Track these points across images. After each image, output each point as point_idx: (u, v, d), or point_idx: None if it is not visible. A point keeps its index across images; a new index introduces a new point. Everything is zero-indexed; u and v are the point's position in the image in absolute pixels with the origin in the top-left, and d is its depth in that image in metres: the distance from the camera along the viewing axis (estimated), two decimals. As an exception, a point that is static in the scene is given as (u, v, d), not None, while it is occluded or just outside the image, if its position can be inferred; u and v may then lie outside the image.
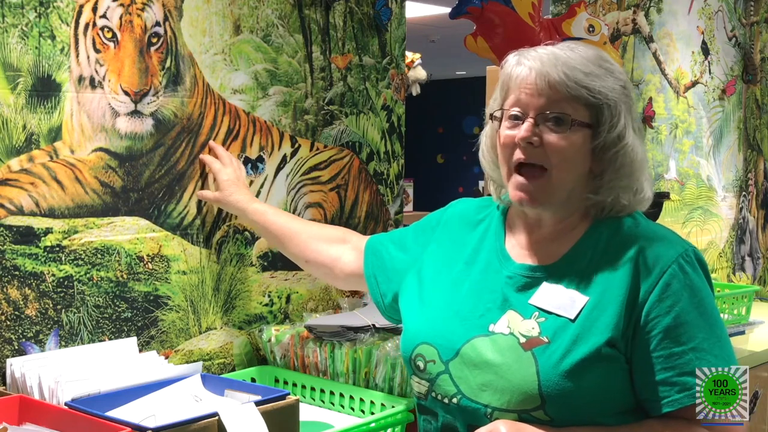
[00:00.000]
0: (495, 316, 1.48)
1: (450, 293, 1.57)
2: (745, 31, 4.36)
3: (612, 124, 1.45)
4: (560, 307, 1.44)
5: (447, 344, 1.50)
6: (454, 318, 1.52)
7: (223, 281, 2.25)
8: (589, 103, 1.44)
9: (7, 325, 1.86)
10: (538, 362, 1.40)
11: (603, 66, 1.47)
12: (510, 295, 1.50)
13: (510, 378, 1.41)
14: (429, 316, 1.57)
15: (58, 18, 1.90)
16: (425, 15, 7.55)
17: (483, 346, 1.45)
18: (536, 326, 1.43)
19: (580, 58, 1.46)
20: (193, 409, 1.73)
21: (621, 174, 1.47)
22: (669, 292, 1.42)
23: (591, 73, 1.45)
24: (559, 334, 1.42)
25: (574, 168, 1.46)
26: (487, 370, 1.44)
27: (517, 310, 1.47)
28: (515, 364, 1.42)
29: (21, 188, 1.87)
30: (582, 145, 1.45)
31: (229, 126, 2.25)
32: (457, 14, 2.56)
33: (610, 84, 1.45)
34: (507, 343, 1.43)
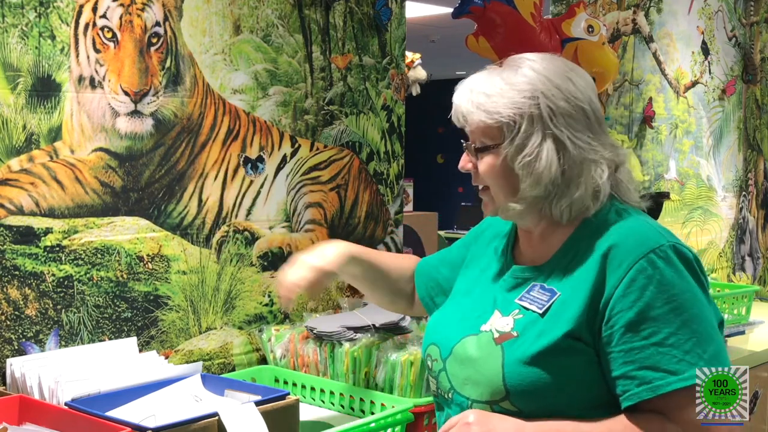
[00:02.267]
0: (487, 316, 1.54)
1: (461, 297, 1.66)
2: (745, 31, 4.36)
3: (512, 139, 1.49)
4: (535, 303, 1.50)
5: (446, 343, 1.57)
6: (456, 320, 1.60)
7: (223, 281, 2.25)
8: (492, 122, 1.51)
9: (7, 325, 1.86)
10: (505, 355, 1.46)
11: (509, 80, 1.51)
12: (499, 296, 1.56)
13: (483, 371, 1.48)
14: (439, 319, 1.66)
15: (58, 18, 1.90)
16: (425, 15, 7.55)
17: (470, 343, 1.52)
18: (511, 322, 1.49)
19: (490, 79, 1.53)
20: (193, 409, 1.73)
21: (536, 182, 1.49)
22: (633, 287, 1.43)
23: (492, 94, 1.51)
24: (527, 329, 1.47)
25: (502, 185, 1.53)
26: (469, 365, 1.51)
27: (501, 308, 1.53)
28: (488, 358, 1.48)
29: (21, 188, 1.87)
30: (495, 165, 1.52)
31: (229, 126, 2.25)
32: (459, 14, 2.56)
33: (508, 100, 1.49)
34: (485, 339, 1.50)
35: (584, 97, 1.52)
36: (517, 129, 1.48)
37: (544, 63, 1.54)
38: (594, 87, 1.57)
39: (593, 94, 1.54)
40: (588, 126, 1.52)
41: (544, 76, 1.50)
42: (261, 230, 2.34)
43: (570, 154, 1.48)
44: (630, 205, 1.56)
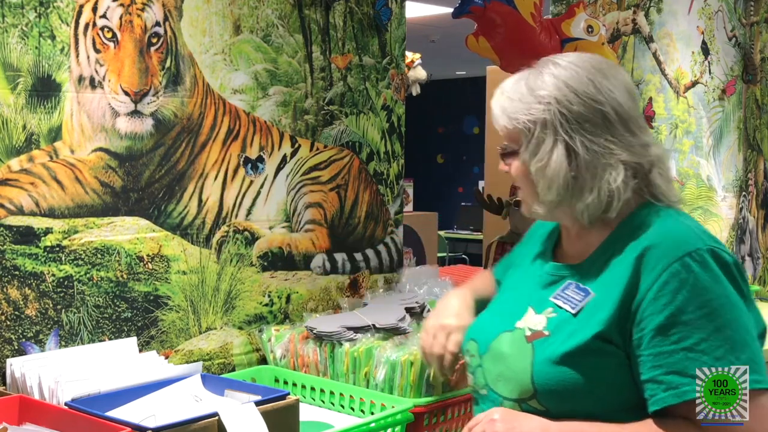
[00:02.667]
0: (522, 313, 1.55)
1: (504, 294, 1.70)
2: (745, 31, 4.36)
3: (527, 144, 1.52)
4: (569, 302, 1.51)
5: (483, 339, 1.59)
6: (495, 316, 1.63)
7: (223, 281, 2.25)
8: (511, 129, 1.55)
9: (7, 325, 1.86)
10: (535, 353, 1.47)
11: (530, 85, 1.53)
12: (535, 293, 1.58)
13: (513, 368, 1.50)
14: (480, 317, 1.69)
15: (58, 18, 1.90)
16: (425, 15, 7.55)
17: (504, 340, 1.54)
18: (544, 321, 1.51)
19: (517, 83, 1.56)
20: (193, 409, 1.73)
21: (549, 187, 1.51)
22: (666, 290, 1.42)
23: (514, 99, 1.54)
24: (559, 328, 1.48)
25: (526, 188, 1.57)
26: (501, 362, 1.53)
27: (535, 306, 1.55)
28: (518, 355, 1.49)
29: (21, 188, 1.87)
30: (518, 167, 1.56)
31: (229, 126, 2.25)
32: (459, 13, 2.56)
33: (526, 106, 1.52)
34: (518, 337, 1.52)
35: (608, 99, 1.50)
36: (531, 135, 1.51)
37: (570, 65, 1.53)
38: (628, 86, 1.55)
39: (623, 95, 1.52)
40: (608, 129, 1.50)
41: (562, 81, 1.51)
42: (261, 230, 2.34)
43: (581, 159, 1.49)
44: (669, 205, 1.55)
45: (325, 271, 2.50)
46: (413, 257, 3.03)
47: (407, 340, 2.11)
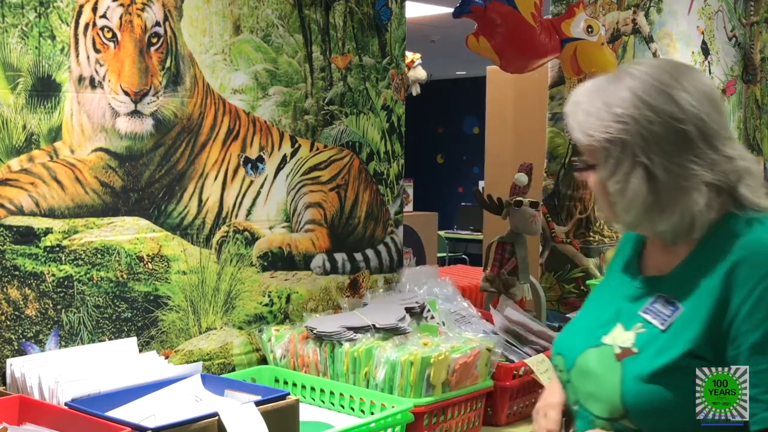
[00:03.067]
0: (609, 328, 1.51)
1: (590, 306, 1.66)
2: (745, 31, 4.36)
3: (605, 162, 1.46)
4: (658, 317, 1.46)
5: (570, 354, 1.56)
6: (581, 331, 1.59)
7: (223, 281, 2.25)
8: (587, 145, 1.48)
9: (7, 325, 1.86)
10: (624, 372, 1.43)
11: (605, 98, 1.45)
12: (624, 307, 1.53)
13: (603, 387, 1.46)
14: (567, 328, 1.66)
15: (58, 18, 1.90)
16: (425, 15, 7.55)
17: (591, 356, 1.50)
18: (633, 337, 1.46)
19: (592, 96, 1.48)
20: (193, 409, 1.73)
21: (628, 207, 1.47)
22: (761, 306, 1.37)
23: (591, 113, 1.46)
24: (648, 345, 1.44)
25: (603, 202, 1.52)
26: (590, 380, 1.49)
27: (624, 321, 1.50)
28: (608, 374, 1.45)
29: (21, 188, 1.87)
30: (595, 183, 1.50)
31: (229, 126, 2.25)
32: (460, 13, 2.56)
33: (602, 124, 1.44)
34: (607, 354, 1.47)
35: (688, 117, 1.42)
36: (608, 154, 1.45)
37: (647, 78, 1.44)
38: (710, 94, 1.46)
39: (705, 106, 1.44)
40: (689, 148, 1.42)
41: (639, 98, 1.43)
42: (261, 230, 2.34)
43: (661, 183, 1.42)
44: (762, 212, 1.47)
45: (325, 271, 2.50)
46: (413, 257, 3.02)
47: (407, 340, 2.11)
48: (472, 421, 2.12)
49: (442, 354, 1.99)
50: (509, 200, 2.69)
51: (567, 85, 3.34)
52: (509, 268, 2.70)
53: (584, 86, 1.52)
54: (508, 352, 2.27)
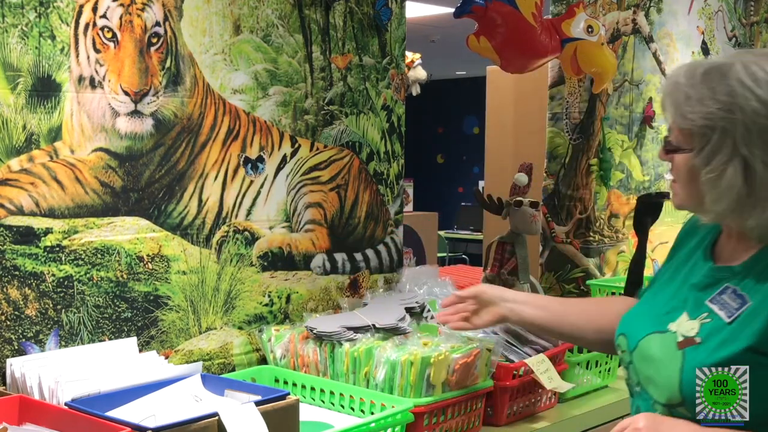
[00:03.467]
0: (676, 315, 1.52)
1: (656, 291, 1.65)
2: (745, 31, 4.36)
3: (700, 149, 1.44)
4: (725, 308, 1.46)
5: (633, 336, 1.58)
6: (646, 314, 1.60)
7: (223, 281, 2.25)
8: (684, 128, 1.46)
9: (7, 325, 1.86)
10: (685, 361, 1.45)
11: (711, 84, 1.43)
12: (691, 295, 1.53)
13: (663, 374, 1.48)
14: (632, 311, 1.67)
15: (58, 18, 1.90)
16: (425, 15, 7.55)
17: (654, 342, 1.52)
18: (696, 327, 1.47)
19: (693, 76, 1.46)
20: (193, 409, 1.73)
21: (718, 199, 1.44)
22: None
23: (692, 97, 1.44)
24: (711, 336, 1.45)
25: (687, 187, 1.50)
26: (651, 365, 1.52)
27: (690, 310, 1.51)
28: (668, 362, 1.47)
29: (21, 188, 1.87)
30: (684, 167, 1.48)
31: (229, 126, 2.25)
32: (461, 13, 2.56)
33: (705, 110, 1.42)
34: (669, 341, 1.49)
35: None
36: (706, 141, 1.42)
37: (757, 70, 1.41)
38: None
39: None
40: None
41: (748, 89, 1.39)
42: (261, 230, 2.34)
43: (758, 177, 1.40)
44: None
45: (325, 271, 2.50)
46: (413, 257, 3.02)
47: (407, 340, 2.11)
48: (472, 421, 2.12)
49: (442, 354, 1.99)
50: (509, 200, 2.69)
51: (567, 85, 3.34)
52: (509, 268, 2.70)
53: (686, 67, 1.49)
54: (508, 352, 2.27)
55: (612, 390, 2.57)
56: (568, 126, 3.36)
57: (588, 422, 2.37)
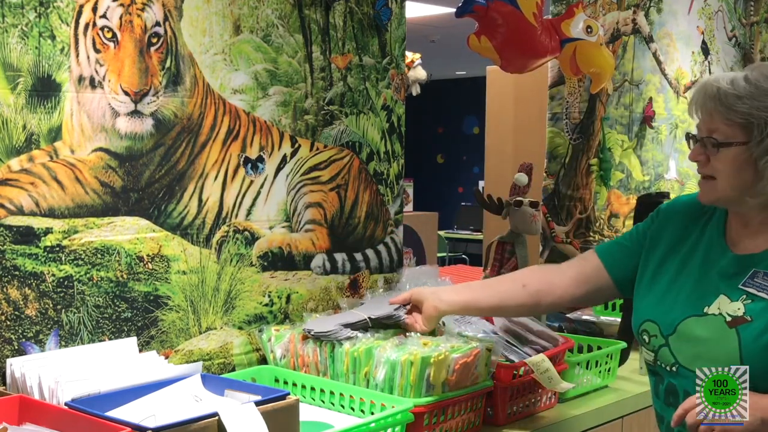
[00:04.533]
0: (710, 300, 1.70)
1: (673, 278, 1.80)
2: (745, 31, 4.36)
3: (762, 137, 1.63)
4: (763, 290, 1.65)
5: (667, 322, 1.75)
6: (675, 300, 1.76)
7: (223, 281, 2.26)
8: (739, 123, 1.64)
9: (7, 325, 1.86)
10: (741, 338, 1.63)
11: (759, 85, 1.64)
12: (722, 282, 1.71)
13: (717, 351, 1.65)
14: (653, 299, 1.82)
15: (58, 18, 1.90)
16: (425, 15, 7.55)
17: (696, 324, 1.70)
18: (742, 307, 1.65)
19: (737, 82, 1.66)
20: (193, 409, 1.73)
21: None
22: None
23: (744, 96, 1.64)
24: (761, 314, 1.63)
25: (732, 178, 1.67)
26: (699, 344, 1.68)
27: (728, 294, 1.69)
28: (721, 340, 1.65)
29: (21, 188, 1.87)
30: (734, 161, 1.66)
31: (229, 126, 2.25)
32: (463, 12, 2.56)
33: (761, 102, 1.62)
34: (716, 323, 1.67)
35: None
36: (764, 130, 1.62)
37: None
38: None
39: None
40: None
41: None
42: (261, 230, 2.34)
43: None
44: None
45: (325, 271, 2.51)
46: (413, 257, 3.03)
47: (407, 340, 2.11)
48: (472, 421, 2.12)
49: (442, 354, 1.99)
50: (509, 200, 2.69)
51: (567, 85, 3.34)
52: (509, 268, 2.70)
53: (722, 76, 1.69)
54: (508, 352, 2.27)
55: (612, 390, 2.56)
56: (568, 126, 3.36)
57: (588, 422, 2.36)
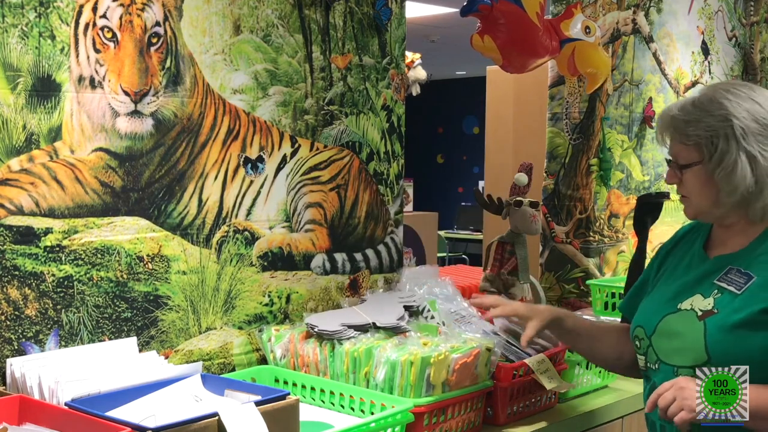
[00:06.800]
0: (684, 297, 1.82)
1: (659, 288, 1.95)
2: (745, 31, 4.36)
3: (711, 154, 1.76)
4: (733, 284, 1.77)
5: (649, 324, 1.87)
6: (655, 305, 1.90)
7: (223, 281, 2.26)
8: (692, 145, 1.79)
9: (7, 325, 1.86)
10: (707, 327, 1.74)
11: (703, 108, 1.78)
12: (700, 282, 1.83)
13: (688, 342, 1.76)
14: (642, 307, 1.96)
15: (58, 18, 1.90)
16: (425, 15, 7.55)
17: (673, 320, 1.82)
18: (712, 302, 1.77)
19: (685, 108, 1.82)
20: (193, 409, 1.73)
21: (733, 190, 1.75)
22: None
23: (691, 120, 1.79)
24: (725, 305, 1.75)
25: (701, 194, 1.81)
26: (675, 338, 1.80)
27: (702, 291, 1.81)
28: (692, 331, 1.76)
29: (21, 188, 1.87)
30: (697, 179, 1.80)
31: (229, 126, 2.25)
32: (468, 12, 2.56)
33: (705, 123, 1.77)
34: (687, 317, 1.79)
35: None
36: (715, 147, 1.76)
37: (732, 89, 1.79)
38: None
39: None
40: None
41: (733, 101, 1.76)
42: (261, 230, 2.34)
43: (761, 166, 1.74)
44: None
45: (325, 271, 2.51)
46: (413, 257, 3.02)
47: (407, 340, 2.11)
48: (472, 421, 2.12)
49: (442, 354, 1.99)
50: (509, 200, 2.69)
51: (567, 85, 3.34)
52: (509, 268, 2.70)
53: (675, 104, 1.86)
54: (508, 352, 2.27)
55: (612, 390, 2.57)
56: (568, 126, 3.36)
57: (588, 422, 2.37)
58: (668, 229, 3.66)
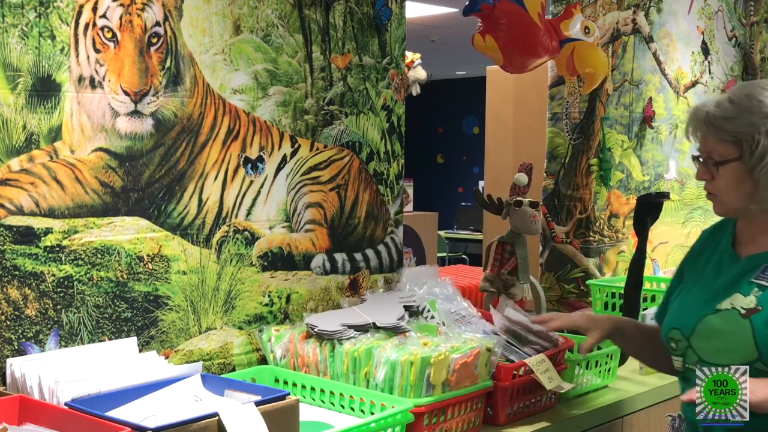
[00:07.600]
0: (722, 298, 1.83)
1: (690, 289, 1.96)
2: (745, 31, 4.36)
3: (752, 151, 1.77)
4: None
5: (686, 325, 1.87)
6: (691, 306, 1.90)
7: (223, 281, 2.26)
8: (730, 141, 1.80)
9: (7, 325, 1.86)
10: (754, 325, 1.75)
11: (741, 105, 1.79)
12: (736, 282, 1.84)
13: (734, 341, 1.77)
14: (674, 309, 1.97)
15: (58, 18, 1.90)
16: (425, 15, 7.55)
17: (713, 320, 1.82)
18: (754, 299, 1.78)
19: (722, 104, 1.82)
20: (193, 409, 1.73)
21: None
22: None
23: (729, 116, 1.79)
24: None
25: (733, 191, 1.83)
26: (717, 338, 1.81)
27: (741, 291, 1.81)
28: (738, 330, 1.77)
29: (21, 188, 1.87)
30: (733, 175, 1.81)
31: (229, 126, 2.25)
32: (470, 11, 2.56)
33: (745, 120, 1.78)
34: (730, 315, 1.80)
35: None
36: (756, 144, 1.77)
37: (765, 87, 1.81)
38: None
39: None
40: None
41: None
42: (261, 230, 2.34)
43: None
44: None
45: (325, 271, 2.51)
46: (413, 257, 3.02)
47: (407, 340, 2.11)
48: (472, 421, 2.12)
49: (442, 354, 1.99)
50: (509, 200, 2.69)
51: (567, 85, 3.34)
52: (509, 268, 2.70)
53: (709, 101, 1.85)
54: (508, 352, 2.27)
55: (612, 390, 2.56)
56: (568, 126, 3.36)
57: (588, 422, 2.36)
58: (668, 229, 3.67)
